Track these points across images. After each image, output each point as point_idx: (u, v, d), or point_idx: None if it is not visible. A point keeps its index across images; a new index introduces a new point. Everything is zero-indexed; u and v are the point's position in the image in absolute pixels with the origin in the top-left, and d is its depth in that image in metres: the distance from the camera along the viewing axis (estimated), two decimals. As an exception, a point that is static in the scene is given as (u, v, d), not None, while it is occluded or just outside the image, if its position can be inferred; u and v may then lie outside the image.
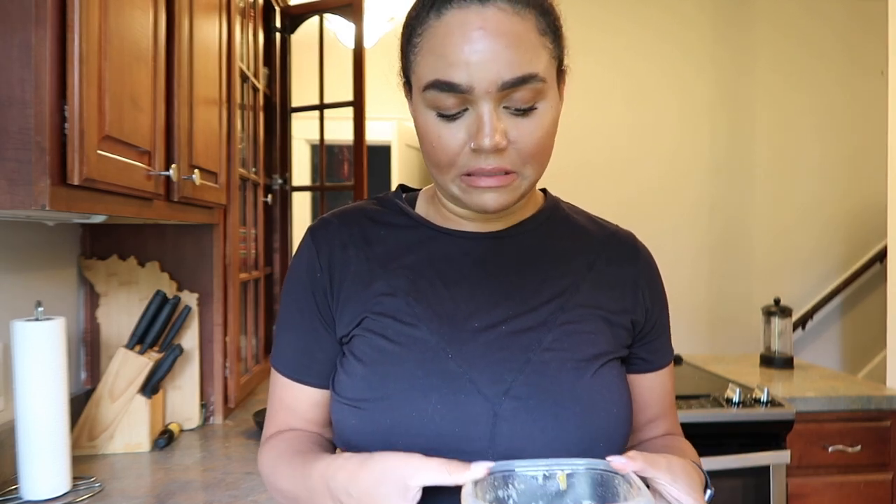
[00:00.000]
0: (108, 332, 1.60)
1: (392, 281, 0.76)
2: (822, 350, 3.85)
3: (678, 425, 0.89)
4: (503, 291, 0.76)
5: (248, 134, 2.10)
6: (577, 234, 0.83)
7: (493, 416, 0.69)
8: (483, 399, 0.70)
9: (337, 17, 2.37)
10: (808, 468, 1.95)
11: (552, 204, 0.85)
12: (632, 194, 3.65)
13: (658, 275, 0.86)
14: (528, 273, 0.78)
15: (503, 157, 0.68)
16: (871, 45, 3.69)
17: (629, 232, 0.87)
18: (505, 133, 0.67)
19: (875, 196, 3.69)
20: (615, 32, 3.60)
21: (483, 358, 0.72)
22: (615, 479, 0.62)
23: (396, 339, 0.73)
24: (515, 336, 0.73)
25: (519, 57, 0.65)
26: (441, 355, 0.71)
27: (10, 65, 0.84)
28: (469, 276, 0.77)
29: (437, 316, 0.74)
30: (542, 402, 0.70)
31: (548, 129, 0.70)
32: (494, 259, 0.78)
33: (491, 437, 0.69)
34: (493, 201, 0.70)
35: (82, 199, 0.93)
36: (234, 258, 1.77)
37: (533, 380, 0.71)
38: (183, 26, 1.29)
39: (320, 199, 2.56)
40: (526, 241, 0.80)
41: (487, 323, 0.74)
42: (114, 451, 1.44)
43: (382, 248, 0.79)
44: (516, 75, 0.65)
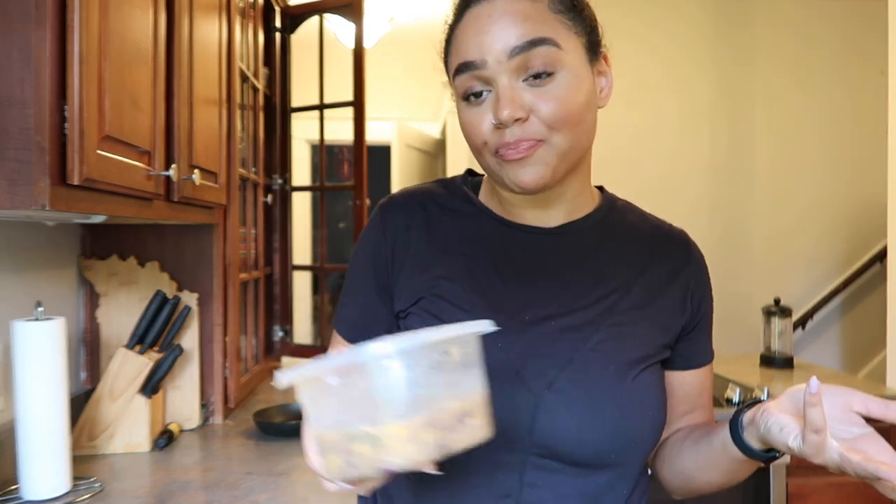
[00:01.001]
0: (108, 332, 1.60)
1: (451, 266, 0.78)
2: (822, 350, 3.85)
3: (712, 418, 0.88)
4: (556, 288, 0.77)
5: (248, 134, 2.10)
6: (632, 233, 0.83)
7: (535, 408, 0.71)
8: (526, 390, 0.71)
9: (337, 17, 2.37)
10: (808, 468, 1.94)
11: (609, 202, 0.86)
12: (631, 195, 3.63)
13: (707, 275, 0.86)
14: (581, 271, 0.79)
15: (525, 128, 0.69)
16: (870, 46, 3.69)
17: (682, 231, 0.87)
18: (523, 105, 0.69)
19: (875, 196, 3.69)
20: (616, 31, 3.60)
21: (530, 351, 0.73)
22: None
23: (449, 321, 0.70)
24: (563, 333, 0.75)
25: (528, 27, 0.68)
26: (490, 344, 0.67)
27: (10, 65, 0.84)
28: (524, 270, 0.78)
29: (490, 305, 0.75)
30: (583, 399, 0.72)
31: (570, 95, 0.70)
32: (549, 255, 0.79)
33: (531, 427, 0.71)
34: (527, 176, 0.71)
35: (82, 199, 0.93)
36: (234, 258, 1.77)
37: (576, 377, 0.72)
38: (183, 26, 1.29)
39: (320, 199, 2.56)
40: (582, 238, 0.81)
41: (538, 317, 0.75)
42: (114, 451, 1.44)
43: (444, 233, 0.80)
44: (524, 40, 0.68)
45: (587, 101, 0.72)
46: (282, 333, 2.42)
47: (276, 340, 2.42)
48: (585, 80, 0.72)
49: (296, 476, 1.32)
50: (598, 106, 0.76)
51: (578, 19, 0.73)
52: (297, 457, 1.46)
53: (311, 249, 4.41)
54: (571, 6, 0.72)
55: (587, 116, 0.73)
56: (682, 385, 0.84)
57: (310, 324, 4.50)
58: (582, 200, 0.81)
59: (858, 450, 0.61)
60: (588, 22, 0.74)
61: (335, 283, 6.13)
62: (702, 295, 0.83)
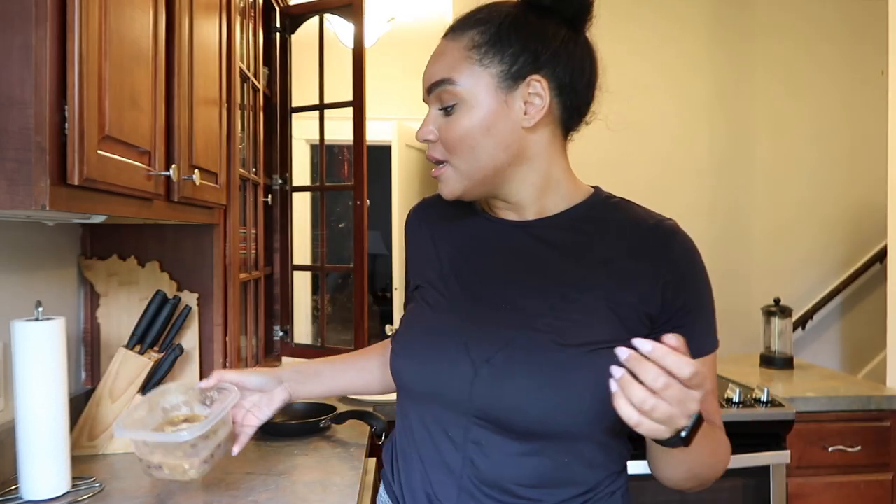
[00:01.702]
0: (108, 332, 1.60)
1: (443, 258, 0.95)
2: (822, 350, 3.85)
3: (718, 418, 0.89)
4: (518, 275, 0.88)
5: (248, 134, 2.10)
6: (606, 228, 0.89)
7: (474, 377, 0.84)
8: (469, 362, 0.84)
9: (337, 17, 2.37)
10: (808, 468, 1.95)
11: (595, 200, 0.92)
12: (631, 195, 3.65)
13: (692, 267, 0.86)
14: (543, 261, 0.88)
15: (433, 148, 0.88)
16: (869, 46, 3.69)
17: (670, 227, 0.88)
18: (432, 130, 0.87)
19: (875, 196, 3.69)
20: (614, 34, 3.60)
21: (479, 329, 0.86)
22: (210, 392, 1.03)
23: (432, 303, 0.93)
24: (514, 315, 0.85)
25: (438, 68, 0.86)
26: (454, 321, 0.88)
27: (10, 65, 0.84)
28: (493, 258, 0.91)
29: (461, 290, 0.91)
30: (516, 375, 0.82)
31: (465, 127, 0.84)
32: (518, 245, 0.90)
33: (470, 393, 0.84)
34: (443, 190, 0.89)
35: (82, 199, 0.93)
36: (234, 258, 1.77)
37: (514, 354, 0.83)
38: (183, 26, 1.29)
39: (320, 199, 2.56)
40: (551, 232, 0.89)
41: (497, 301, 0.88)
42: (114, 451, 1.44)
43: (446, 230, 0.97)
44: (431, 81, 0.87)
45: (486, 127, 0.84)
46: (282, 333, 2.43)
47: (276, 340, 2.42)
48: (486, 109, 0.84)
49: (296, 476, 1.32)
50: (521, 126, 0.85)
51: (493, 54, 0.84)
52: (297, 457, 1.46)
53: (311, 249, 4.41)
54: (492, 42, 0.84)
55: (485, 141, 0.84)
56: None
57: (310, 324, 4.50)
58: (552, 200, 0.90)
59: None
60: (510, 55, 0.83)
61: (335, 283, 6.14)
62: (680, 288, 0.85)
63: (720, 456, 0.87)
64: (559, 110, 0.88)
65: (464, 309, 0.89)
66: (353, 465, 1.40)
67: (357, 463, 1.42)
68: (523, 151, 0.86)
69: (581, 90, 0.88)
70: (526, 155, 0.87)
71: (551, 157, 0.89)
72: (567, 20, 0.87)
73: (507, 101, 0.84)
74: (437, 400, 0.88)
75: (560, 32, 0.86)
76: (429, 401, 0.89)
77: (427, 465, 0.89)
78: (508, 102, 0.84)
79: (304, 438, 1.59)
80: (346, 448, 1.52)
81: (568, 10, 0.86)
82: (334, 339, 4.28)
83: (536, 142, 0.87)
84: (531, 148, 0.87)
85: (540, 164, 0.88)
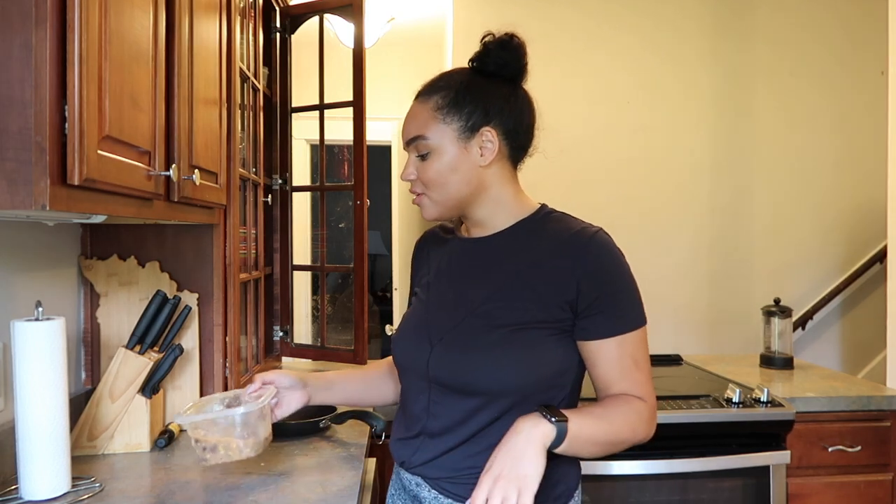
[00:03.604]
0: (108, 332, 1.60)
1: (431, 270, 1.24)
2: (822, 350, 3.85)
3: (639, 387, 1.08)
4: (472, 276, 1.16)
5: (248, 134, 2.10)
6: (541, 236, 1.12)
7: (429, 353, 1.12)
8: (427, 341, 1.13)
9: (337, 17, 2.37)
10: (808, 468, 1.95)
11: (535, 216, 1.15)
12: (631, 194, 3.65)
13: (603, 264, 1.07)
14: (490, 263, 1.15)
15: (415, 184, 1.15)
16: (871, 47, 3.69)
17: (593, 233, 1.09)
18: (412, 171, 1.15)
19: (875, 196, 3.69)
20: (615, 36, 3.60)
21: (439, 316, 1.15)
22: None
23: (417, 303, 1.24)
24: (463, 305, 1.12)
25: (413, 126, 1.14)
26: (423, 313, 1.19)
27: (10, 65, 0.84)
28: (460, 267, 1.19)
29: (434, 292, 1.20)
30: (458, 350, 1.09)
31: (437, 169, 1.11)
32: (477, 254, 1.17)
33: (427, 365, 1.12)
34: (424, 213, 1.16)
35: (82, 199, 0.93)
36: (234, 258, 1.77)
37: (458, 335, 1.10)
38: (183, 26, 1.29)
39: (320, 199, 2.56)
40: (500, 242, 1.15)
41: (454, 296, 1.15)
42: (114, 451, 1.44)
43: (437, 251, 1.26)
44: (408, 138, 1.15)
45: (452, 168, 1.11)
46: (282, 333, 2.43)
47: (276, 340, 2.42)
48: (451, 155, 1.11)
49: (296, 476, 1.32)
50: (478, 165, 1.11)
51: (454, 114, 1.11)
52: (297, 457, 1.46)
53: (311, 249, 4.41)
54: (452, 104, 1.11)
55: (452, 178, 1.11)
56: (593, 353, 1.07)
57: (310, 324, 4.50)
58: (502, 217, 1.16)
59: None
60: (466, 113, 1.10)
61: (335, 283, 6.14)
62: (594, 280, 1.06)
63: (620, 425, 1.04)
64: (507, 150, 1.13)
65: (432, 304, 1.19)
66: (353, 465, 1.40)
67: (357, 463, 1.42)
68: (481, 183, 1.13)
69: (522, 133, 1.14)
70: (483, 186, 1.13)
71: (502, 185, 1.14)
72: (508, 79, 1.14)
73: (466, 147, 1.11)
74: (409, 370, 1.17)
75: (502, 90, 1.12)
76: (406, 371, 1.19)
77: (406, 415, 1.19)
78: (468, 149, 1.11)
79: (304, 438, 1.59)
80: (346, 448, 1.52)
81: (508, 72, 1.13)
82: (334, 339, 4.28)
83: (491, 175, 1.13)
84: (487, 180, 1.13)
85: (494, 192, 1.14)
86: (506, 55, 1.12)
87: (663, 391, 2.02)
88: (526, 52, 1.14)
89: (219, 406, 1.23)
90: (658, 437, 1.81)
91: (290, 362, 2.52)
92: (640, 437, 1.07)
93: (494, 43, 1.13)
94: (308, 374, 1.31)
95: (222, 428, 1.14)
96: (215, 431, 1.14)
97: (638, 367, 1.07)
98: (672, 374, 2.31)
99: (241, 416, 1.14)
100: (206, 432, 1.14)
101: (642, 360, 1.08)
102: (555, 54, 3.52)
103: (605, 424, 1.03)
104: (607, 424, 1.03)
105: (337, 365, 2.41)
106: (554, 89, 3.52)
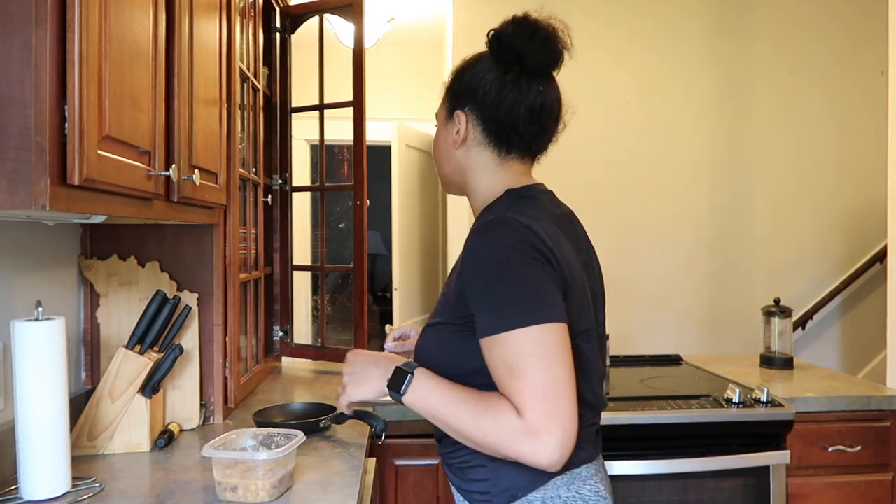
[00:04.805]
0: (108, 332, 1.60)
1: None
2: (822, 350, 3.85)
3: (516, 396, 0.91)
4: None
5: (248, 134, 2.10)
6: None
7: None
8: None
9: (337, 17, 2.37)
10: (808, 468, 1.95)
11: (495, 204, 1.11)
12: (631, 194, 3.65)
13: (474, 258, 1.00)
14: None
15: None
16: (871, 47, 3.69)
17: (484, 221, 1.04)
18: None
19: (875, 196, 3.69)
20: (616, 38, 3.60)
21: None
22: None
23: None
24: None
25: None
26: None
27: (10, 65, 0.84)
28: None
29: None
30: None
31: (434, 142, 1.22)
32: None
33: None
34: None
35: (82, 199, 0.93)
36: (234, 258, 1.77)
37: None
38: (183, 26, 1.29)
39: (320, 199, 2.56)
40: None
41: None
42: (114, 451, 1.44)
43: None
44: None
45: (437, 145, 1.20)
46: (282, 333, 2.43)
47: (276, 340, 2.42)
48: (439, 132, 1.19)
49: (296, 476, 1.32)
50: (453, 147, 1.15)
51: (447, 95, 1.17)
52: (297, 457, 1.45)
53: (311, 249, 4.41)
54: (446, 93, 1.17)
55: (437, 155, 1.20)
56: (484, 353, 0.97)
57: (310, 324, 4.51)
58: (476, 206, 1.17)
59: None
60: (451, 95, 1.16)
61: (335, 283, 6.13)
62: (464, 276, 1.00)
63: (466, 419, 0.96)
64: (484, 137, 1.12)
65: None
66: (353, 465, 1.40)
67: (357, 463, 1.42)
68: (459, 166, 1.16)
69: (507, 122, 1.09)
70: (461, 169, 1.16)
71: (477, 171, 1.14)
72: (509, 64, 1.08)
73: (447, 128, 1.17)
74: None
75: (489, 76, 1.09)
76: None
77: None
78: (448, 129, 1.16)
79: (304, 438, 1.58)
80: (346, 448, 1.52)
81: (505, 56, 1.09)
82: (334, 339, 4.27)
83: (467, 159, 1.14)
84: (463, 164, 1.15)
85: (470, 177, 1.15)
86: (506, 38, 1.07)
87: (663, 391, 2.02)
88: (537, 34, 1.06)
89: (252, 441, 1.28)
90: (658, 437, 1.82)
91: (290, 362, 2.52)
92: (504, 448, 0.92)
93: (500, 27, 1.08)
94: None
95: (244, 470, 1.18)
96: (237, 473, 1.18)
97: (513, 375, 0.92)
98: (672, 374, 2.31)
99: (263, 462, 1.17)
100: (229, 473, 1.18)
101: (522, 368, 0.91)
102: (555, 54, 3.52)
103: (451, 408, 0.98)
104: (452, 408, 0.98)
105: (337, 365, 2.41)
106: (554, 89, 3.52)
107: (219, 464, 1.19)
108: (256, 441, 1.29)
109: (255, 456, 1.18)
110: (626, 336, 3.38)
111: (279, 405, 1.77)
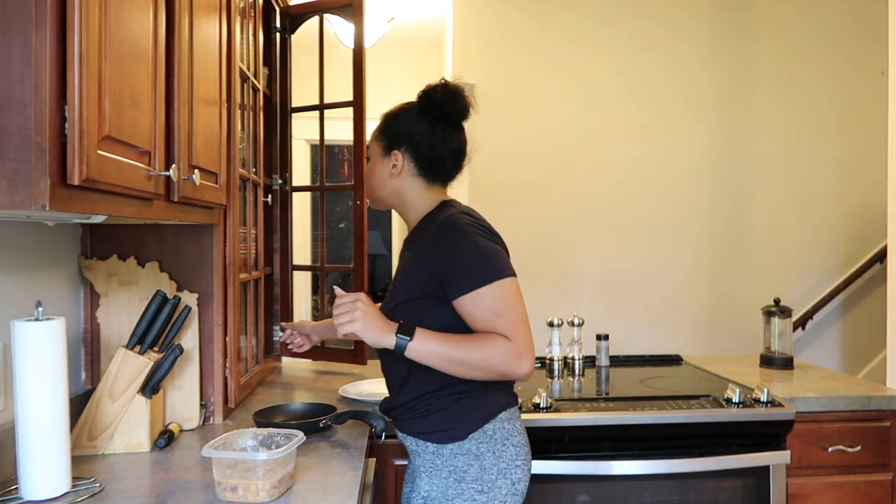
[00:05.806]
0: (108, 332, 1.60)
1: None
2: (822, 350, 3.85)
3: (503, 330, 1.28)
4: (401, 266, 1.50)
5: (248, 134, 2.10)
6: (427, 228, 1.43)
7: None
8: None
9: (337, 17, 2.37)
10: (808, 468, 1.95)
11: (435, 213, 1.45)
12: (631, 194, 3.65)
13: (444, 239, 1.35)
14: (404, 255, 1.53)
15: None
16: (871, 48, 3.70)
17: (445, 216, 1.40)
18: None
19: (875, 196, 3.69)
20: (616, 40, 3.60)
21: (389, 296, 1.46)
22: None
23: None
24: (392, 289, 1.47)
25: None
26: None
27: (10, 65, 0.84)
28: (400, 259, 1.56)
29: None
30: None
31: (368, 170, 1.56)
32: (404, 248, 1.55)
33: None
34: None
35: (82, 199, 0.93)
36: (234, 258, 1.77)
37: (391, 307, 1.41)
38: (183, 26, 1.29)
39: (320, 199, 2.56)
40: (410, 237, 1.51)
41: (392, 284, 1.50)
42: (114, 451, 1.44)
43: None
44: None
45: (373, 173, 1.53)
46: (282, 333, 2.43)
47: (276, 340, 2.42)
48: (375, 164, 1.52)
49: (296, 476, 1.32)
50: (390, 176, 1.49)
51: (382, 136, 1.51)
52: (297, 457, 1.45)
53: (311, 249, 4.41)
54: (381, 129, 1.52)
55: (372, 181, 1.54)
56: (462, 311, 1.33)
57: (310, 324, 4.49)
58: (412, 217, 1.51)
59: None
60: (387, 137, 1.50)
61: (335, 283, 6.12)
62: (439, 255, 1.34)
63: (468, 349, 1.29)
64: (416, 169, 1.47)
65: None
66: (353, 465, 1.40)
67: (357, 463, 1.42)
68: (395, 190, 1.50)
69: (436, 160, 1.46)
70: (397, 192, 1.50)
71: (412, 193, 1.49)
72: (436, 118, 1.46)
73: (384, 162, 1.50)
74: None
75: (421, 126, 1.46)
76: None
77: None
78: (385, 163, 1.49)
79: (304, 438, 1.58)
80: (346, 448, 1.52)
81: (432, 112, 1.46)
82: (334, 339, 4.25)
83: (403, 185, 1.49)
84: (398, 188, 1.49)
85: (406, 198, 1.50)
86: (434, 100, 1.45)
87: (663, 391, 2.02)
88: (457, 98, 1.44)
89: (252, 441, 1.30)
90: (658, 437, 1.82)
91: (290, 362, 2.52)
92: (500, 367, 1.28)
93: (429, 89, 1.46)
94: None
95: (244, 470, 1.19)
96: (237, 474, 1.19)
97: (498, 316, 1.29)
98: (672, 374, 2.31)
99: (263, 462, 1.18)
100: (229, 473, 1.19)
101: (503, 310, 1.29)
102: (553, 55, 3.52)
103: (452, 344, 1.29)
104: (453, 344, 1.29)
105: (337, 365, 2.41)
106: (553, 90, 3.52)
107: (219, 464, 1.19)
108: (256, 441, 1.30)
109: (255, 456, 1.18)
110: (626, 336, 3.38)
111: (279, 405, 1.77)
